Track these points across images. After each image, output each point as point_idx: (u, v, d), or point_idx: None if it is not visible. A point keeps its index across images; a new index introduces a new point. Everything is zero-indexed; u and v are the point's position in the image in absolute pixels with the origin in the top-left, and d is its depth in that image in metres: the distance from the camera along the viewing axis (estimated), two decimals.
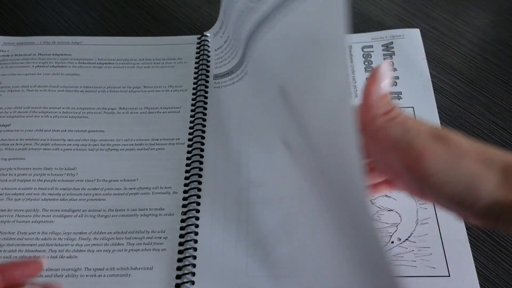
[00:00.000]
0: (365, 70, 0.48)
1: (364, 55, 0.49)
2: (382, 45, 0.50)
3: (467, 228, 0.38)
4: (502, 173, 0.24)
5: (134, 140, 0.44)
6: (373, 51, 0.50)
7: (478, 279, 0.35)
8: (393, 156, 0.27)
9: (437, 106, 0.45)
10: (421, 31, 0.52)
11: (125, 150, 0.43)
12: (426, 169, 0.26)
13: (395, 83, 0.47)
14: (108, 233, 0.38)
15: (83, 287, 0.36)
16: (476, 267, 0.36)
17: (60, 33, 0.54)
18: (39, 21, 0.56)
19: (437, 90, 0.47)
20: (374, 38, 0.51)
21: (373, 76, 0.29)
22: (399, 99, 0.46)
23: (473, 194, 0.25)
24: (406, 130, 0.27)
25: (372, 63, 0.49)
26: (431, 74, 0.48)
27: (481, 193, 0.25)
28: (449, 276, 0.35)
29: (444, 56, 0.51)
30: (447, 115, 0.46)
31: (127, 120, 0.45)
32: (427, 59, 0.49)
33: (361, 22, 0.54)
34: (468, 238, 0.37)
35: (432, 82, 0.47)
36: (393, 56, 0.49)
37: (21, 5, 0.58)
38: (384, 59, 0.49)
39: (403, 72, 0.48)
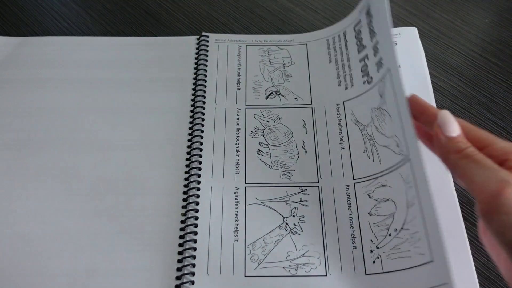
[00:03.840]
0: (358, 51, 0.47)
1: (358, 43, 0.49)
2: None
3: (466, 228, 0.38)
4: None
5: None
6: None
7: (478, 278, 0.35)
8: (470, 189, 0.26)
9: (437, 106, 0.45)
10: (421, 31, 0.52)
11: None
12: (500, 207, 0.23)
13: None
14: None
15: None
16: (475, 266, 0.36)
17: (60, 33, 0.54)
18: (39, 21, 0.56)
19: (437, 90, 0.47)
20: None
21: (438, 123, 0.29)
22: None
23: None
24: (481, 167, 0.26)
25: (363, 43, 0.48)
26: (431, 74, 0.48)
27: None
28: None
29: (444, 56, 0.51)
30: None
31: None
32: (427, 59, 0.49)
33: None
34: (468, 238, 0.37)
35: (432, 82, 0.47)
36: None
37: (21, 5, 0.58)
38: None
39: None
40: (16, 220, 0.39)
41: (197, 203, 0.40)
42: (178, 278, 0.36)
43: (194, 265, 0.37)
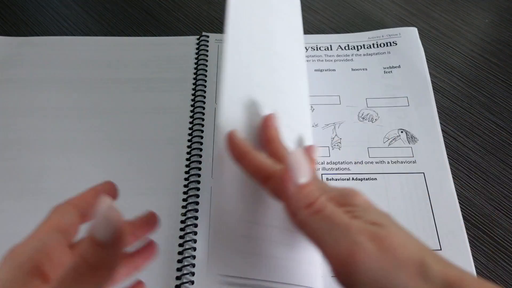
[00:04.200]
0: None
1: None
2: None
3: (467, 228, 0.38)
4: None
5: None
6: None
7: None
8: (321, 252, 0.23)
9: (437, 106, 0.45)
10: (421, 31, 0.52)
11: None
12: (354, 276, 0.21)
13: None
14: None
15: None
16: (475, 266, 0.36)
17: (60, 33, 0.54)
18: (39, 21, 0.56)
19: (437, 90, 0.47)
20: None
21: (286, 168, 0.25)
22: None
23: None
24: (332, 226, 0.23)
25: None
26: (431, 74, 0.48)
27: None
28: None
29: (444, 56, 0.51)
30: (447, 115, 0.46)
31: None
32: (427, 59, 0.49)
33: (361, 22, 0.54)
34: (468, 238, 0.37)
35: (432, 82, 0.47)
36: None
37: (21, 5, 0.58)
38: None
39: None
40: (15, 220, 0.39)
41: (197, 203, 0.40)
42: (178, 278, 0.36)
43: (194, 265, 0.37)
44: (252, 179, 0.29)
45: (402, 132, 0.43)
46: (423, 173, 0.40)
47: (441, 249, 0.36)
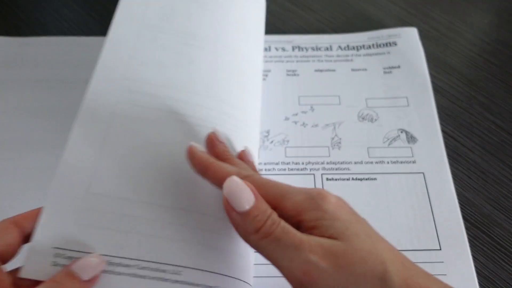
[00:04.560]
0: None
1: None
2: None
3: (466, 228, 0.38)
4: None
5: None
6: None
7: (477, 278, 0.35)
8: (281, 273, 0.23)
9: (436, 106, 0.45)
10: (421, 31, 0.52)
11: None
12: None
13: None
14: None
15: None
16: (475, 266, 0.36)
17: (60, 33, 0.54)
18: (39, 21, 0.56)
19: (437, 90, 0.48)
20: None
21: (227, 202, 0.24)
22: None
23: None
24: (284, 247, 0.22)
25: None
26: (430, 74, 0.48)
27: None
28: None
29: (444, 56, 0.51)
30: (447, 115, 0.46)
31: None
32: (427, 59, 0.49)
33: (361, 22, 0.54)
34: (467, 238, 0.37)
35: (432, 82, 0.47)
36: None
37: (22, 5, 0.58)
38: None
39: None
40: None
41: None
42: None
43: None
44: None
45: (402, 132, 0.43)
46: (423, 173, 0.40)
47: (440, 249, 0.36)
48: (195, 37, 0.38)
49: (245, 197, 0.24)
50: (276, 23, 0.55)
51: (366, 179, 0.41)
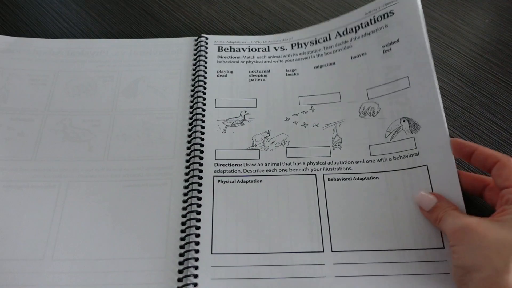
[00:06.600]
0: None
1: None
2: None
3: None
4: None
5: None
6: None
7: None
8: None
9: None
10: None
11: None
12: None
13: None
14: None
15: None
16: None
17: (60, 33, 0.54)
18: (39, 21, 0.56)
19: None
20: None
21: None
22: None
23: None
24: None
25: None
26: None
27: None
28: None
29: (444, 56, 0.51)
30: (447, 115, 0.46)
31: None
32: None
33: None
34: None
35: None
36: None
37: (21, 5, 0.58)
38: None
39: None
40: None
41: (199, 202, 0.40)
42: (179, 280, 0.36)
43: (196, 267, 0.37)
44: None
45: (404, 121, 0.42)
46: (426, 165, 0.39)
47: (444, 247, 0.36)
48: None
49: (428, 202, 0.37)
50: (276, 23, 0.55)
51: (368, 179, 0.40)
